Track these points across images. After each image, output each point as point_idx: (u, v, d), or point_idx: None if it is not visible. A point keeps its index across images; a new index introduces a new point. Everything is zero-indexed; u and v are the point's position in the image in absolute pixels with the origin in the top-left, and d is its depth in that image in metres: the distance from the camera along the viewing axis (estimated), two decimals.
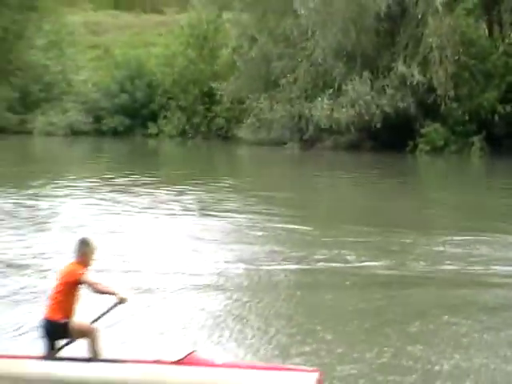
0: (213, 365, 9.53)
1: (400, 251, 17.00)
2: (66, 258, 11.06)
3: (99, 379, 9.55)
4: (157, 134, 36.17)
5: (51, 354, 9.28)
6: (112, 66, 38.08)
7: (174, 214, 21.42)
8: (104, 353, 9.46)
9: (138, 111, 36.55)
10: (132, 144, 35.53)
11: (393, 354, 10.62)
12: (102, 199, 23.62)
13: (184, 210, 22.65)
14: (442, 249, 17.81)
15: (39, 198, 24.16)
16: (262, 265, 16.18)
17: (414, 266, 16.03)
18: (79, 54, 39.25)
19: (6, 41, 37.54)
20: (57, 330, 9.15)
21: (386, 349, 10.71)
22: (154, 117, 36.44)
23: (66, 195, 23.93)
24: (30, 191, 25.04)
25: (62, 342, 9.34)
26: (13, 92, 36.96)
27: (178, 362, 9.33)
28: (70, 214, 21.33)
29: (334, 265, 16.49)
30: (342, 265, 16.07)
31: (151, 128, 36.21)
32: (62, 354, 9.63)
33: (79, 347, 9.66)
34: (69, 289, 8.94)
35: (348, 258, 16.27)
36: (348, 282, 14.48)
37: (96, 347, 9.06)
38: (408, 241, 18.21)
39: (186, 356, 9.23)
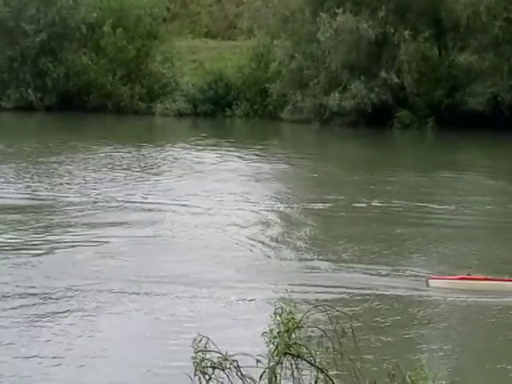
0: None
1: None
2: None
3: None
4: (231, 116, 37.36)
5: None
6: (204, 73, 39.22)
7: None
8: None
9: (220, 101, 37.64)
10: (215, 121, 37.17)
11: None
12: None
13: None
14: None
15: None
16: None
17: None
18: (184, 65, 40.12)
19: (138, 58, 38.96)
20: None
21: None
22: (229, 105, 37.52)
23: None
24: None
25: None
26: (143, 89, 38.55)
27: None
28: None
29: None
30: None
31: (227, 112, 37.51)
32: None
33: None
34: None
35: None
36: None
37: None
38: None
39: None
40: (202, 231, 14.89)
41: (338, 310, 5.86)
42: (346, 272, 12.09)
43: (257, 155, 26.25)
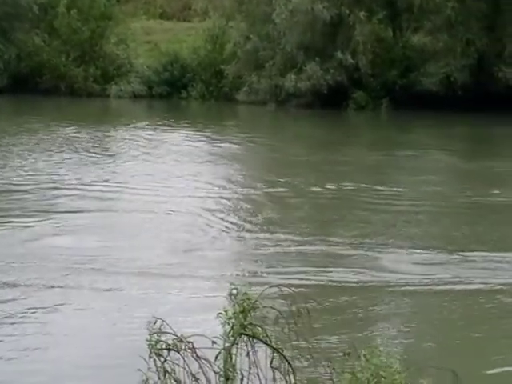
0: None
1: None
2: None
3: None
4: (186, 98, 37.09)
5: None
6: (159, 54, 38.81)
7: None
8: None
9: (175, 83, 37.35)
10: (171, 103, 36.88)
11: None
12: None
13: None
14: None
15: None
16: None
17: None
18: (138, 47, 39.81)
19: (93, 39, 38.41)
20: None
21: None
22: (185, 86, 37.25)
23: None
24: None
25: None
26: (97, 71, 37.97)
27: None
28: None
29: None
30: None
31: (183, 93, 37.23)
32: None
33: None
34: None
35: None
36: None
37: None
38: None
39: None
40: (155, 215, 14.75)
41: (293, 291, 5.86)
42: (302, 254, 12.11)
43: (212, 137, 26.24)
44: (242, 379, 5.01)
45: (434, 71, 33.97)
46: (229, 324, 4.93)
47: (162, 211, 15.19)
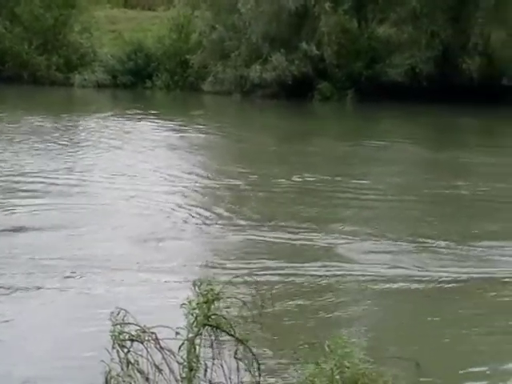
0: None
1: None
2: None
3: None
4: (151, 87, 36.74)
5: None
6: (123, 43, 38.38)
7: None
8: None
9: (140, 72, 36.97)
10: (135, 93, 36.57)
11: None
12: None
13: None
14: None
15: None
16: None
17: None
18: (102, 35, 39.42)
19: (56, 27, 37.89)
20: None
21: None
22: (149, 76, 36.85)
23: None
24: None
25: None
26: (61, 59, 37.44)
27: None
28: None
29: None
30: None
31: (147, 83, 36.78)
32: None
33: None
34: None
35: None
36: None
37: None
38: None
39: None
40: (117, 205, 14.62)
41: (258, 281, 5.86)
42: (265, 244, 12.11)
43: (178, 127, 26.13)
44: (205, 370, 5.01)
45: (400, 62, 34.13)
46: (192, 315, 4.92)
47: (125, 202, 15.07)
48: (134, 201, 15.20)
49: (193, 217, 13.92)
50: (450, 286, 10.74)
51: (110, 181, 16.84)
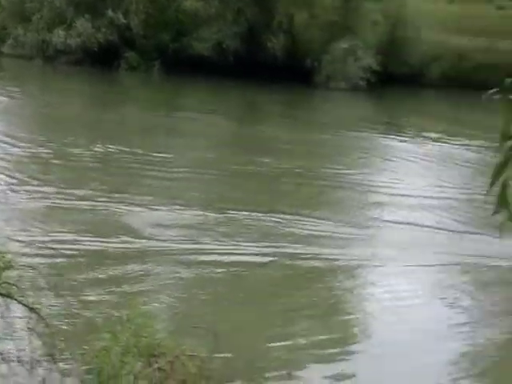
0: None
1: None
2: None
3: None
4: None
5: None
6: None
7: None
8: None
9: None
10: None
11: None
12: None
13: None
14: None
15: None
16: None
17: None
18: None
19: None
20: None
21: None
22: None
23: None
24: None
25: None
26: None
27: None
28: None
29: None
30: None
31: None
32: None
33: None
34: None
35: None
36: None
37: None
38: None
39: None
40: None
41: (58, 252, 5.63)
42: (63, 211, 11.74)
43: None
44: None
45: (207, 36, 34.30)
46: None
47: None
48: None
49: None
50: (256, 260, 10.82)
51: None
